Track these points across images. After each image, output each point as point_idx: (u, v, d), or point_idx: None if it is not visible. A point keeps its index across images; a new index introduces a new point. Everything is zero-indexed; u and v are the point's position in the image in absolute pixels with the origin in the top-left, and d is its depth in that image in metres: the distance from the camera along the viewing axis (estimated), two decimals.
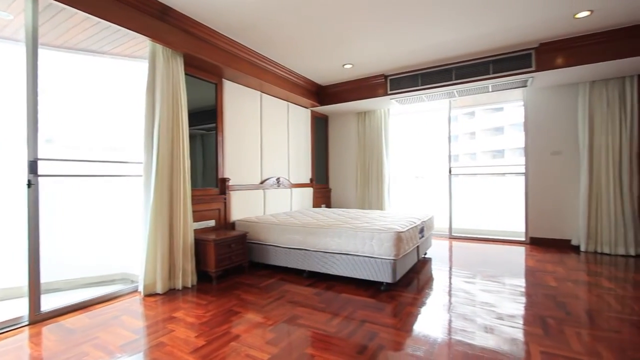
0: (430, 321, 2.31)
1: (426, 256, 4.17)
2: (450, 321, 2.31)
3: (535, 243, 4.73)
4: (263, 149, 4.66)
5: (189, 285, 3.08)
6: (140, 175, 2.99)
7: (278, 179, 4.88)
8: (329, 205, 6.41)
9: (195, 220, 3.47)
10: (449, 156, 5.43)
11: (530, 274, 3.36)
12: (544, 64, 3.88)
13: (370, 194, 5.91)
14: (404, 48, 3.98)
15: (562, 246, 4.54)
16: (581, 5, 3.06)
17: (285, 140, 5.18)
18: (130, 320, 2.39)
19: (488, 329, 2.17)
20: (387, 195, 5.80)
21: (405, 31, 3.54)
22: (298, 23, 3.32)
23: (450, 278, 3.30)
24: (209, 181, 3.80)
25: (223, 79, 3.99)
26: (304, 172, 5.70)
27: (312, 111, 5.91)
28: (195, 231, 3.42)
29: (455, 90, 4.61)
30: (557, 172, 4.60)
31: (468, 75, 4.31)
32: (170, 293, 2.94)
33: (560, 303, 2.57)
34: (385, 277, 2.87)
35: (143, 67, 3.07)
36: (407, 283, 3.12)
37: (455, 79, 4.39)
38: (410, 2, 2.97)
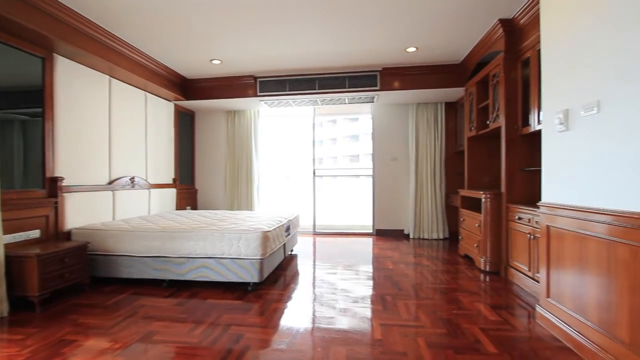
0: (295, 314, 2.47)
1: (292, 253, 4.42)
2: (313, 310, 2.53)
3: (380, 234, 5.65)
4: (113, 143, 3.97)
5: None
6: None
7: (132, 178, 4.26)
8: (195, 207, 5.99)
9: (8, 231, 2.68)
10: (313, 159, 5.90)
11: (376, 260, 4.00)
12: (386, 85, 4.69)
13: (239, 195, 5.83)
14: (274, 52, 4.11)
15: (398, 235, 5.58)
16: (410, 42, 3.84)
17: (142, 134, 4.56)
18: None
19: (344, 312, 2.47)
20: (256, 196, 5.85)
21: (274, 37, 3.66)
22: (161, 7, 2.99)
23: (314, 271, 3.60)
24: (32, 181, 3.01)
25: (55, 54, 3.21)
26: (166, 171, 5.17)
27: (176, 105, 5.41)
28: (8, 246, 2.64)
29: (318, 99, 5.04)
30: (395, 175, 5.62)
31: (329, 86, 4.79)
32: None
33: (395, 282, 3.17)
34: (253, 277, 2.91)
35: None
36: (274, 280, 3.24)
37: (319, 89, 4.81)
38: (277, 12, 3.10)
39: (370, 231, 5.75)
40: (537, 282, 2.62)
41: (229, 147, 5.89)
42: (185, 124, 5.79)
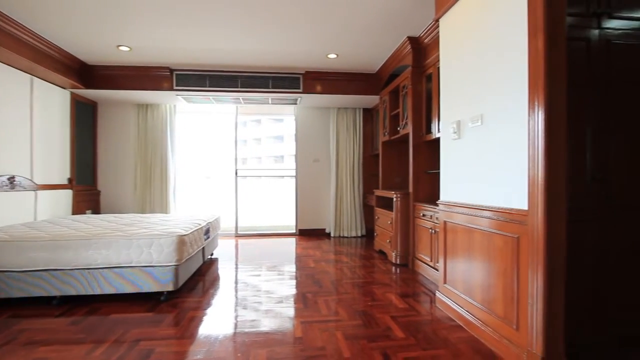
0: (215, 320, 2.37)
1: (212, 257, 4.22)
2: (235, 315, 2.45)
3: (302, 234, 5.76)
4: None
5: None
6: None
7: (12, 177, 3.56)
8: (97, 211, 5.28)
9: None
10: (236, 158, 5.73)
11: (298, 260, 4.07)
12: (308, 88, 4.81)
13: (152, 196, 5.34)
14: (193, 45, 3.88)
15: (319, 234, 5.77)
16: (331, 49, 4.01)
17: (26, 125, 3.85)
18: None
19: (266, 314, 2.46)
20: (172, 197, 5.43)
21: (193, 30, 3.46)
22: None
23: (236, 274, 3.50)
24: None
25: None
26: (59, 170, 4.45)
27: (73, 94, 4.70)
28: None
29: (241, 97, 4.92)
30: (317, 176, 5.80)
31: (252, 85, 4.71)
32: None
33: (316, 280, 3.27)
34: (167, 285, 2.69)
35: None
36: (192, 287, 3.05)
37: (241, 87, 4.69)
38: (196, 4, 2.94)
39: (294, 231, 5.83)
40: (437, 270, 2.98)
41: (140, 144, 5.34)
42: (85, 116, 5.06)
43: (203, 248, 3.57)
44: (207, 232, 3.60)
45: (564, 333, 1.63)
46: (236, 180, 5.73)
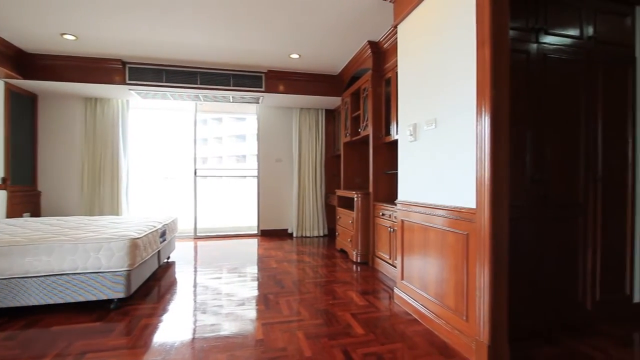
0: (172, 327, 2.27)
1: (169, 260, 4.04)
2: (194, 320, 2.36)
3: (265, 234, 5.70)
4: None
5: None
6: None
7: None
8: (36, 214, 4.82)
9: None
10: (195, 158, 5.52)
11: (260, 261, 4.02)
12: (271, 87, 4.76)
13: (102, 197, 4.98)
14: (149, 38, 3.68)
15: (282, 235, 5.74)
16: (293, 49, 4.01)
17: None
18: None
19: (226, 317, 2.40)
20: (124, 198, 5.11)
21: (149, 21, 3.29)
22: None
23: (195, 278, 3.37)
24: None
25: None
26: None
27: (8, 84, 4.25)
28: None
29: (200, 95, 4.75)
30: (279, 176, 5.76)
31: (212, 82, 4.57)
32: None
33: (278, 280, 3.25)
34: (117, 292, 2.53)
35: None
36: (146, 293, 2.90)
37: (201, 84, 4.54)
38: None
39: (256, 232, 5.74)
40: (395, 267, 3.09)
41: (88, 141, 4.96)
42: (22, 110, 4.60)
43: (159, 251, 3.40)
44: (163, 234, 3.43)
45: (507, 322, 1.77)
46: (195, 181, 5.52)
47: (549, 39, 2.17)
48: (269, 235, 5.69)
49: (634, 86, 2.37)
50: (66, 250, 2.46)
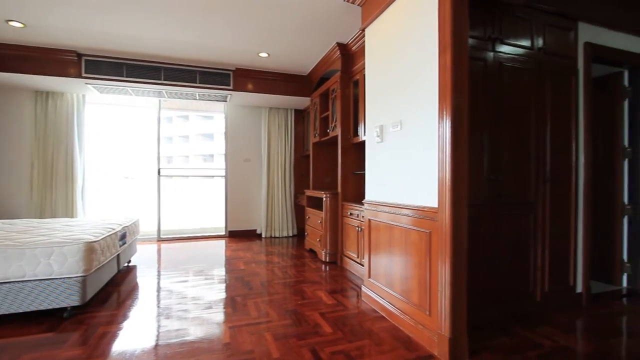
0: (132, 334, 2.16)
1: (130, 264, 3.84)
2: (158, 326, 2.27)
3: (232, 235, 5.58)
4: None
5: None
6: None
7: None
8: None
9: None
10: (158, 156, 5.30)
11: (228, 263, 3.93)
12: (239, 86, 4.68)
13: (54, 199, 4.64)
14: (109, 29, 3.48)
15: (250, 235, 5.65)
16: (261, 48, 3.97)
17: None
18: None
19: (192, 322, 2.32)
20: (80, 200, 4.79)
21: (108, 11, 3.10)
22: None
23: (158, 282, 3.23)
24: None
25: None
26: None
27: None
28: None
29: (164, 91, 4.57)
30: (247, 176, 5.67)
31: (177, 78, 4.41)
32: None
33: (246, 282, 3.20)
34: (70, 300, 2.37)
35: None
36: (104, 300, 2.74)
37: (165, 80, 4.36)
38: None
39: (223, 233, 5.61)
40: (363, 266, 3.16)
41: (39, 138, 4.60)
42: None
43: (118, 255, 3.23)
44: (123, 237, 3.26)
45: (466, 314, 1.87)
46: (159, 180, 5.29)
47: (504, 48, 2.31)
48: (238, 236, 5.59)
49: (577, 95, 2.59)
50: (10, 256, 2.27)
